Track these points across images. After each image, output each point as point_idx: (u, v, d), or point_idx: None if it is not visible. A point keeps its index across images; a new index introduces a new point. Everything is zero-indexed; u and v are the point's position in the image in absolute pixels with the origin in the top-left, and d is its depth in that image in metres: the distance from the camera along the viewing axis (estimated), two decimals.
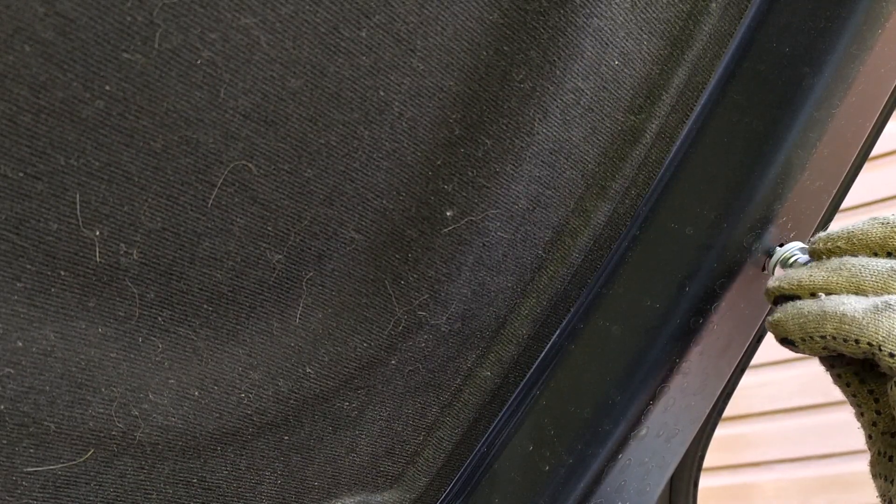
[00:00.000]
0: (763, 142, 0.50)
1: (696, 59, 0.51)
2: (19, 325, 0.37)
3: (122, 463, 0.43)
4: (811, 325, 0.45)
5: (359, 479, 0.55)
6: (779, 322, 0.47)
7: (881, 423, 0.47)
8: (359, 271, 0.47)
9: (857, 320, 0.43)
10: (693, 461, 0.85)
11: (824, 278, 0.47)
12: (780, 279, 0.49)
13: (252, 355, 0.45)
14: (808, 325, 0.45)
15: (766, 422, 2.48)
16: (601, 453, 0.53)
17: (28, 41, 0.32)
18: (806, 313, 0.46)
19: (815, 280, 0.47)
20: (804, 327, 0.46)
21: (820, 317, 0.45)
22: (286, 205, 0.42)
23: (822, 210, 0.59)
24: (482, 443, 0.58)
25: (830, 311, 0.45)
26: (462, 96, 0.44)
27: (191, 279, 0.41)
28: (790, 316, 0.47)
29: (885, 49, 0.50)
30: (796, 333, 0.46)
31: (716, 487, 2.51)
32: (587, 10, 0.44)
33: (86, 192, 0.36)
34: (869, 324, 0.43)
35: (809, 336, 0.45)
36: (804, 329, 0.46)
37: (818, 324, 0.45)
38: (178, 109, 0.36)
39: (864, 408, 0.48)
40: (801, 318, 0.46)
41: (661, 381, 0.53)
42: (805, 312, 0.46)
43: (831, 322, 0.44)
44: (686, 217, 0.51)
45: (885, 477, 0.46)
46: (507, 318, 0.55)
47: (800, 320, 0.46)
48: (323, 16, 0.37)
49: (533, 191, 0.50)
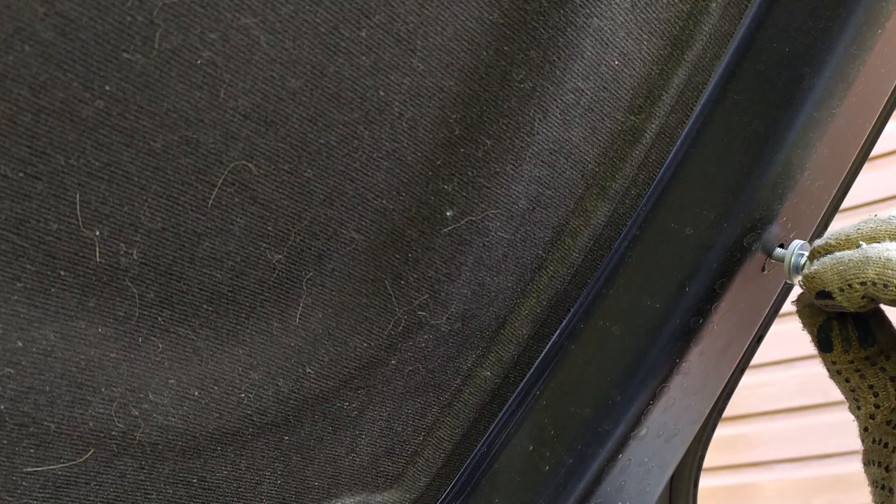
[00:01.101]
0: (763, 142, 0.50)
1: (696, 59, 0.51)
2: (19, 325, 0.37)
3: (122, 463, 0.43)
4: (852, 272, 0.44)
5: (359, 479, 0.55)
6: (816, 274, 0.46)
7: (879, 416, 0.47)
8: (359, 271, 0.47)
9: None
10: (693, 461, 0.85)
11: (873, 228, 0.46)
12: (827, 236, 0.48)
13: (252, 355, 0.45)
14: (849, 271, 0.44)
15: (766, 422, 2.48)
16: (601, 453, 0.53)
17: (28, 41, 0.32)
18: (847, 261, 0.45)
19: (864, 231, 0.46)
20: (844, 274, 0.45)
21: (862, 262, 0.44)
22: (286, 205, 0.42)
23: (822, 210, 0.59)
24: (482, 443, 0.58)
25: (874, 256, 0.44)
26: (462, 96, 0.44)
27: (191, 279, 0.41)
28: (829, 266, 0.46)
29: (885, 49, 0.50)
30: (835, 283, 0.45)
31: (716, 487, 2.51)
32: (587, 10, 0.44)
33: (86, 192, 0.36)
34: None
35: (849, 284, 0.44)
36: (844, 277, 0.45)
37: (859, 269, 0.44)
38: (178, 109, 0.36)
39: (862, 402, 0.48)
40: (840, 266, 0.45)
41: (661, 381, 0.53)
42: (846, 260, 0.45)
43: (874, 266, 0.43)
44: (686, 217, 0.51)
45: (880, 463, 0.46)
46: (507, 318, 0.55)
47: (840, 268, 0.45)
48: (323, 16, 0.37)
49: (533, 191, 0.50)
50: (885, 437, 0.46)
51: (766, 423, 2.48)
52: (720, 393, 0.66)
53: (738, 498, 2.50)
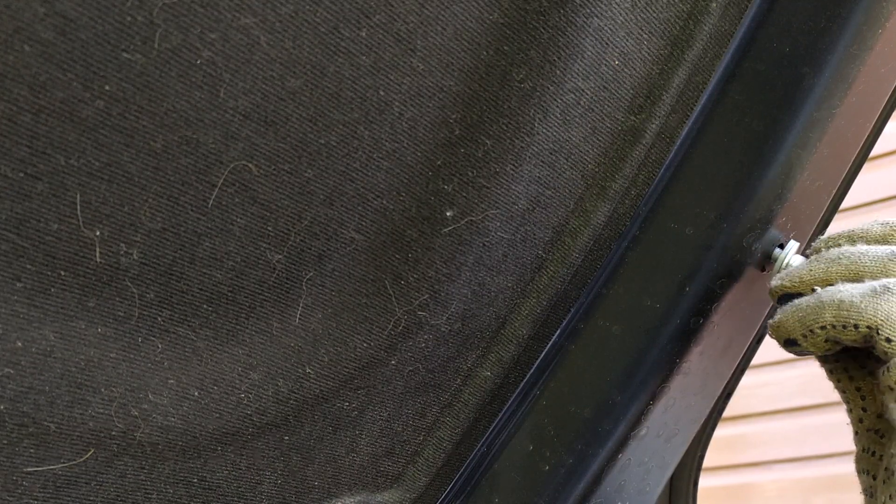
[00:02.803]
0: (763, 142, 0.50)
1: (696, 59, 0.51)
2: (19, 325, 0.37)
3: (122, 463, 0.43)
4: (810, 318, 0.45)
5: (359, 479, 0.55)
6: (780, 323, 0.47)
7: (866, 420, 0.47)
8: (359, 271, 0.47)
9: (854, 305, 0.43)
10: (693, 461, 0.85)
11: (824, 269, 0.46)
12: (782, 277, 0.48)
13: (252, 355, 0.45)
14: (807, 318, 0.45)
15: (766, 422, 2.48)
16: (601, 453, 0.53)
17: (28, 41, 0.32)
18: (804, 307, 0.45)
19: (815, 273, 0.47)
20: (804, 321, 0.45)
21: (818, 307, 0.44)
22: (286, 205, 0.42)
23: (822, 210, 0.59)
24: (482, 443, 0.58)
25: (827, 300, 0.44)
26: (462, 96, 0.44)
27: (191, 279, 0.41)
28: (789, 314, 0.46)
29: (885, 49, 0.50)
30: (797, 330, 0.45)
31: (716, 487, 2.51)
32: (587, 10, 0.44)
33: (86, 192, 0.36)
34: (867, 307, 0.42)
35: (810, 330, 0.45)
36: (804, 323, 0.45)
37: (816, 314, 0.44)
38: (178, 109, 0.36)
39: (852, 404, 0.48)
40: (799, 313, 0.45)
41: (661, 381, 0.53)
42: (804, 307, 0.45)
43: (829, 310, 0.44)
44: (686, 217, 0.51)
45: (868, 472, 0.46)
46: (507, 318, 0.55)
47: (798, 315, 0.45)
48: (323, 16, 0.37)
49: (533, 191, 0.50)
50: (871, 445, 0.46)
51: (766, 423, 2.48)
52: (720, 393, 0.66)
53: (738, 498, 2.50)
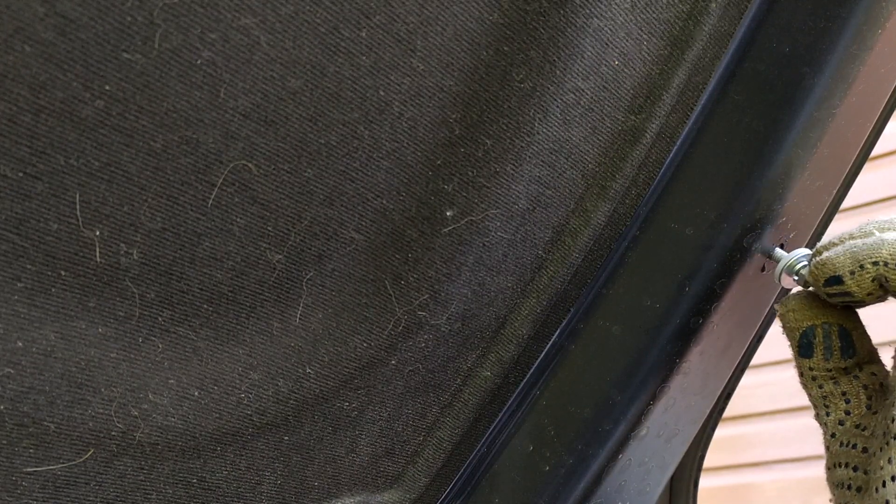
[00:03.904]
0: (763, 142, 0.50)
1: (696, 59, 0.51)
2: (19, 325, 0.37)
3: (122, 463, 0.43)
4: (865, 253, 0.45)
5: (359, 479, 0.55)
6: (827, 260, 0.46)
7: (848, 422, 0.48)
8: (359, 271, 0.47)
9: None
10: (693, 461, 0.85)
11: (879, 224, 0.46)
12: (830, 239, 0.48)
13: (252, 355, 0.45)
14: (862, 252, 0.45)
15: (766, 422, 2.48)
16: (601, 453, 0.53)
17: (28, 41, 0.32)
18: (860, 244, 0.45)
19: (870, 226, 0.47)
20: (856, 256, 0.45)
21: (877, 244, 0.44)
22: (286, 205, 0.42)
23: (822, 210, 0.59)
24: (482, 443, 0.58)
25: (890, 239, 0.44)
26: (462, 96, 0.44)
27: (191, 279, 0.41)
28: (841, 250, 0.46)
29: (885, 49, 0.50)
30: (847, 266, 0.45)
31: (716, 487, 2.51)
32: (587, 11, 0.44)
33: (86, 192, 0.36)
34: None
35: (861, 265, 0.45)
36: (856, 258, 0.45)
37: (873, 250, 0.44)
38: (178, 109, 0.36)
39: (833, 408, 0.48)
40: (854, 249, 0.45)
41: (661, 381, 0.53)
42: (860, 244, 0.45)
43: (888, 247, 0.44)
44: (686, 217, 0.51)
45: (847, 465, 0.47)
46: (507, 318, 0.55)
47: (853, 250, 0.45)
48: (323, 16, 0.37)
49: (533, 191, 0.50)
50: (853, 439, 0.47)
51: (766, 423, 2.48)
52: (720, 393, 0.66)
53: (738, 498, 2.50)
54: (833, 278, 0.46)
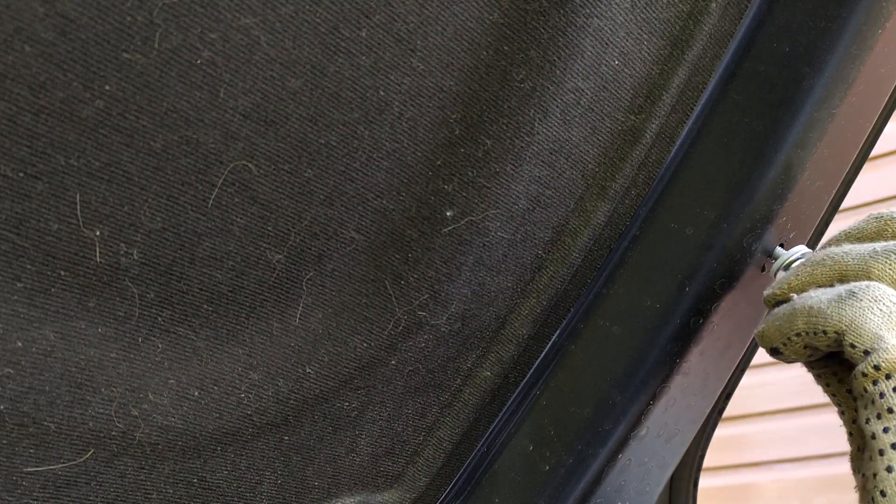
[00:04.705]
0: (763, 142, 0.50)
1: (696, 59, 0.51)
2: (19, 325, 0.37)
3: (122, 463, 0.43)
4: (786, 326, 0.45)
5: (359, 479, 0.55)
6: (763, 333, 0.48)
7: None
8: (359, 271, 0.47)
9: (822, 311, 0.44)
10: (693, 461, 0.85)
11: (809, 273, 0.47)
12: (773, 286, 0.49)
13: (252, 355, 0.45)
14: (784, 326, 0.46)
15: (766, 422, 2.48)
16: (601, 453, 0.53)
17: (28, 41, 0.32)
18: (781, 315, 0.46)
19: (801, 277, 0.47)
20: (781, 329, 0.46)
21: (791, 315, 0.45)
22: (286, 205, 0.42)
23: (822, 210, 0.59)
24: (482, 443, 0.58)
25: (799, 307, 0.45)
26: (462, 96, 0.44)
27: (191, 279, 0.41)
28: (770, 322, 0.47)
29: (885, 49, 0.50)
30: (777, 339, 0.46)
31: (716, 487, 2.51)
32: (587, 10, 0.44)
33: (86, 192, 0.36)
34: (833, 312, 0.43)
35: (787, 338, 0.46)
36: (781, 332, 0.46)
37: (791, 322, 0.45)
38: (178, 109, 0.36)
39: (844, 406, 0.48)
40: (777, 322, 0.46)
41: (661, 381, 0.53)
42: (780, 315, 0.46)
43: (801, 317, 0.45)
44: (686, 217, 0.51)
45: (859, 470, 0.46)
46: (507, 318, 0.55)
47: (777, 323, 0.46)
48: (323, 16, 0.37)
49: (533, 191, 0.50)
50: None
51: (766, 423, 2.48)
52: (720, 393, 0.66)
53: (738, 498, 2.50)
54: (773, 349, 0.47)
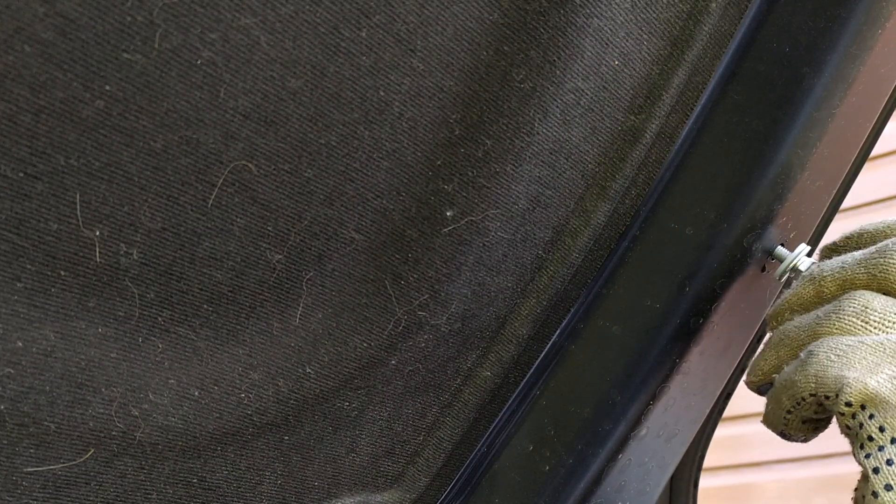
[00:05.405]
0: (763, 142, 0.50)
1: (696, 59, 0.51)
2: (19, 325, 0.37)
3: (122, 463, 0.43)
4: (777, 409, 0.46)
5: (359, 479, 0.55)
6: (765, 421, 0.49)
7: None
8: (359, 271, 0.47)
9: (793, 381, 0.44)
10: (693, 461, 0.85)
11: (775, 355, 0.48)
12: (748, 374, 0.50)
13: (252, 355, 0.45)
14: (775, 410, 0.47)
15: None
16: (601, 453, 0.53)
17: (28, 41, 0.32)
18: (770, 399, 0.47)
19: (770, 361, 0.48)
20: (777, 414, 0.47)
21: (775, 396, 0.46)
22: (286, 205, 0.42)
23: (822, 210, 0.59)
24: (482, 443, 0.58)
25: (779, 386, 0.46)
26: (462, 96, 0.44)
27: (191, 279, 0.41)
28: (766, 411, 0.48)
29: (885, 49, 0.50)
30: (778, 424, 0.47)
31: (716, 487, 2.51)
32: (587, 10, 0.44)
33: (86, 192, 0.36)
34: (800, 378, 0.44)
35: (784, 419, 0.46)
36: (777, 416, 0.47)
37: (778, 404, 0.46)
38: (178, 109, 0.36)
39: None
40: (770, 407, 0.47)
41: (661, 381, 0.53)
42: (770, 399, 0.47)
43: (784, 394, 0.45)
44: (686, 217, 0.51)
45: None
46: (507, 318, 0.55)
47: (771, 409, 0.47)
48: (323, 16, 0.37)
49: (533, 191, 0.50)
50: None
51: None
52: (720, 393, 0.66)
53: (738, 498, 2.50)
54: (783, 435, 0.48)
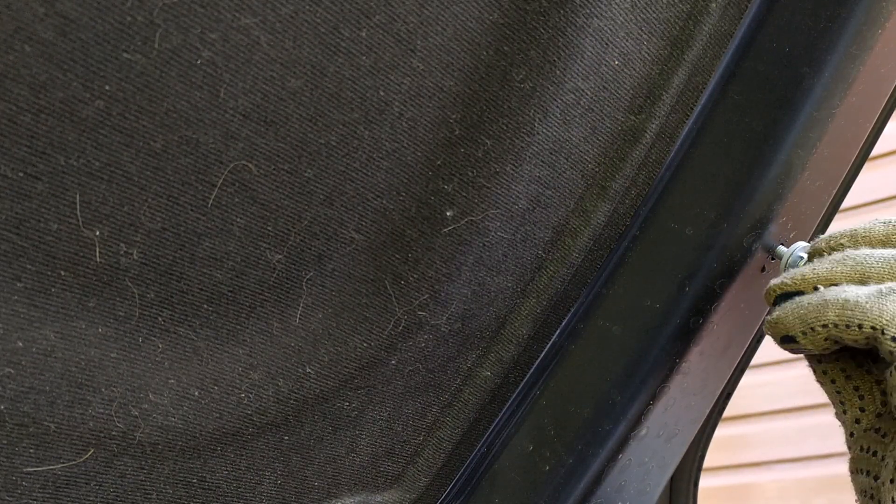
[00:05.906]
0: (763, 142, 0.50)
1: (696, 59, 0.51)
2: (19, 325, 0.37)
3: (122, 463, 0.43)
4: (812, 315, 0.44)
5: (359, 479, 0.55)
6: (778, 320, 0.46)
7: (864, 420, 0.47)
8: (359, 271, 0.47)
9: (860, 305, 0.43)
10: (693, 461, 0.85)
11: (828, 269, 0.46)
12: (783, 277, 0.48)
13: (252, 355, 0.45)
14: (809, 315, 0.45)
15: (766, 422, 2.48)
16: (601, 453, 0.53)
17: (28, 41, 0.32)
18: (806, 305, 0.45)
19: (819, 272, 0.46)
20: (805, 318, 0.45)
21: (822, 306, 0.44)
22: (286, 205, 0.42)
23: (822, 210, 0.59)
24: (482, 443, 0.58)
25: (832, 298, 0.44)
26: (462, 96, 0.44)
27: (191, 279, 0.41)
28: (790, 311, 0.46)
29: (885, 49, 0.50)
30: (797, 327, 0.45)
31: (716, 487, 2.51)
32: (587, 10, 0.44)
33: (86, 192, 0.36)
34: (873, 307, 0.42)
35: (811, 327, 0.45)
36: (805, 320, 0.45)
37: (820, 312, 0.44)
38: (178, 109, 0.36)
39: (848, 405, 0.48)
40: (801, 311, 0.45)
41: (661, 381, 0.53)
42: (805, 304, 0.45)
43: (833, 309, 0.44)
44: (686, 217, 0.51)
45: (868, 472, 0.46)
46: (507, 318, 0.55)
47: (800, 312, 0.45)
48: (323, 16, 0.37)
49: (533, 191, 0.50)
50: (872, 444, 0.46)
51: (766, 423, 2.48)
52: (720, 393, 0.66)
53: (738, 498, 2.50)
54: (787, 337, 0.46)
